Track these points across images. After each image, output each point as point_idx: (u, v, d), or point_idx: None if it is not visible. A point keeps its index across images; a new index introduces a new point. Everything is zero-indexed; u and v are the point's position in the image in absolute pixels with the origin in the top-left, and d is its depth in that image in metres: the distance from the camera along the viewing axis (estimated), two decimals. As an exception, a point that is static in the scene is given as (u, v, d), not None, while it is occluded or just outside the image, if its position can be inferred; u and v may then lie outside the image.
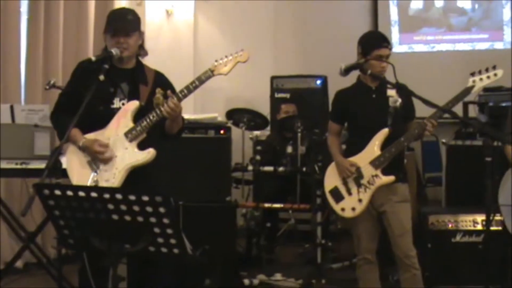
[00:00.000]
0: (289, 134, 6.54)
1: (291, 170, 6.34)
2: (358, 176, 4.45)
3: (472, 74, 4.40)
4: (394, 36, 8.66)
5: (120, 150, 3.89)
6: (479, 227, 5.30)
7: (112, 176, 3.87)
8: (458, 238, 5.34)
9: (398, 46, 8.64)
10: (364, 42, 4.55)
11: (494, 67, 4.38)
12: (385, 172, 4.41)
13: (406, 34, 8.72)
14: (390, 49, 4.51)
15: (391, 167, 4.42)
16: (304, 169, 6.25)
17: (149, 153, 3.89)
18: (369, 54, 4.42)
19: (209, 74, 3.91)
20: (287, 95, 7.90)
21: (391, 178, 4.41)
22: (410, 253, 4.44)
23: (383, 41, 4.51)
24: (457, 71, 7.24)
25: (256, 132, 6.90)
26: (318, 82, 7.94)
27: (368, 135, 4.45)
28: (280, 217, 7.12)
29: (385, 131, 4.41)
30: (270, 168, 6.46)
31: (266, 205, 6.45)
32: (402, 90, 4.36)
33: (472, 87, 4.37)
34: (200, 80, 3.90)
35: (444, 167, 6.27)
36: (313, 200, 6.03)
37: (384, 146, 4.41)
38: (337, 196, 4.53)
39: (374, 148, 4.43)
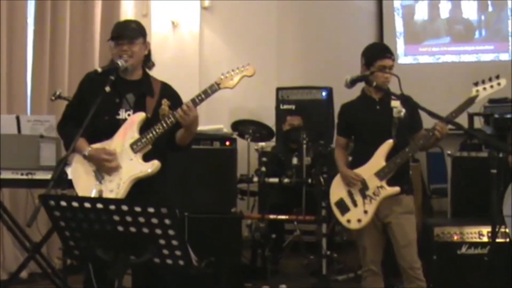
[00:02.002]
0: (295, 146, 6.54)
1: (297, 181, 6.33)
2: (364, 188, 4.45)
3: (476, 84, 4.41)
4: (399, 47, 8.67)
5: (126, 161, 3.89)
6: (485, 239, 5.28)
7: (116, 187, 3.87)
8: (463, 250, 5.32)
9: (403, 58, 8.64)
10: (367, 53, 4.58)
11: (497, 77, 4.40)
12: (390, 183, 4.41)
13: (411, 45, 8.73)
14: (393, 60, 4.54)
15: (396, 178, 4.42)
16: (309, 180, 6.25)
17: (153, 165, 3.89)
18: (373, 65, 4.45)
19: (215, 87, 3.91)
20: (293, 107, 7.90)
21: (396, 189, 4.41)
22: (415, 265, 4.44)
23: (386, 52, 4.54)
24: (462, 83, 7.21)
25: (262, 144, 6.88)
26: (324, 93, 7.95)
27: (373, 146, 4.46)
28: (286, 228, 7.12)
29: (389, 142, 4.41)
30: (275, 180, 6.45)
31: (271, 216, 6.43)
32: (407, 101, 4.37)
33: (476, 96, 4.38)
34: (206, 94, 3.89)
35: (449, 178, 6.25)
36: (318, 211, 6.02)
37: (389, 157, 4.41)
38: (343, 208, 4.53)
39: (379, 159, 4.43)
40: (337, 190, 4.59)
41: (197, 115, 3.89)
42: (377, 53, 4.53)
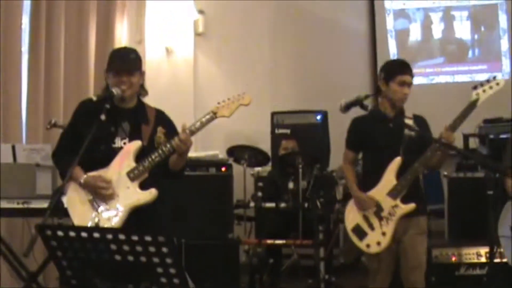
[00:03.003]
0: (291, 170, 6.53)
1: (293, 205, 6.31)
2: (378, 210, 4.40)
3: (475, 88, 4.39)
4: (393, 69, 8.67)
5: (122, 189, 3.89)
6: (483, 259, 5.28)
7: (114, 215, 3.86)
8: (462, 271, 5.31)
9: (397, 79, 8.64)
10: (388, 67, 4.59)
11: (494, 78, 4.40)
12: (404, 201, 4.37)
13: (405, 67, 8.73)
14: (412, 77, 4.51)
15: (410, 196, 4.38)
16: (306, 204, 6.23)
17: (151, 193, 3.89)
18: (393, 79, 4.44)
19: (212, 116, 3.95)
20: (288, 131, 7.90)
21: (411, 205, 4.37)
22: (421, 286, 4.42)
23: (407, 68, 4.52)
24: (456, 103, 7.22)
25: (258, 169, 6.89)
26: (318, 117, 7.95)
27: (383, 165, 4.42)
28: (283, 253, 7.09)
29: (397, 160, 4.38)
30: (272, 204, 6.43)
31: (269, 241, 6.41)
32: (418, 120, 4.38)
33: (477, 100, 4.36)
34: (202, 123, 3.93)
35: (446, 199, 6.25)
36: (315, 235, 6.00)
37: (399, 175, 4.38)
38: (360, 233, 4.47)
39: (389, 178, 4.39)
40: (352, 216, 4.53)
41: (191, 143, 3.91)
42: (399, 67, 4.52)
